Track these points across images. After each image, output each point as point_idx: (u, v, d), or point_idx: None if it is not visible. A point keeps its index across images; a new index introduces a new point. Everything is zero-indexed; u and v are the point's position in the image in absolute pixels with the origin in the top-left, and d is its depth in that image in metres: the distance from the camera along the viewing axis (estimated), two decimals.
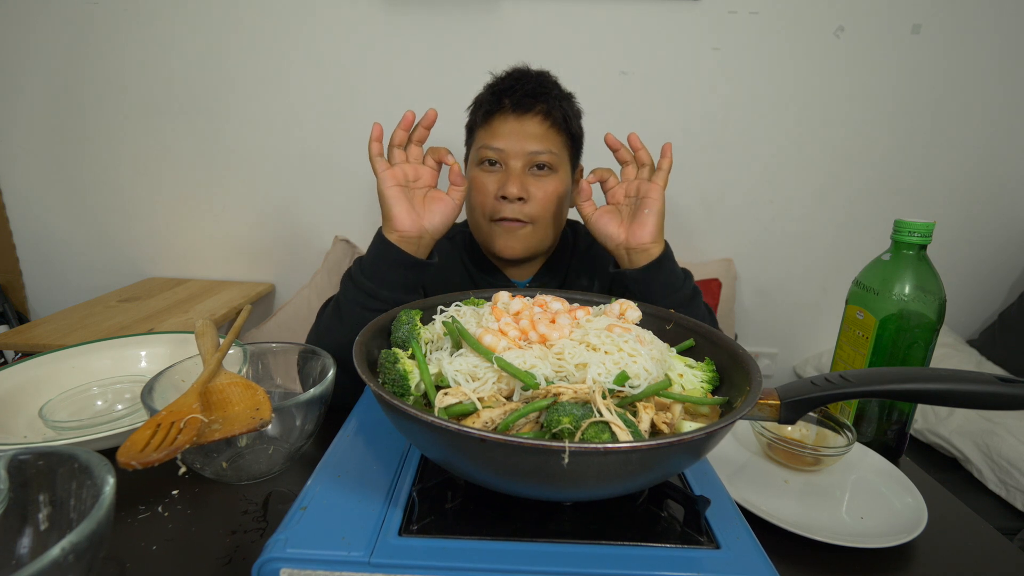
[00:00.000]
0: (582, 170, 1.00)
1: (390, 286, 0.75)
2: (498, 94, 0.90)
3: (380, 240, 0.76)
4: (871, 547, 0.52)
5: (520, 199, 0.87)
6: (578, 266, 1.00)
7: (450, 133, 1.54)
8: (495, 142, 0.88)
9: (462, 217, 1.02)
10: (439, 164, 0.79)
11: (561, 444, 0.35)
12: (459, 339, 0.52)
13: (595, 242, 1.02)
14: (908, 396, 0.45)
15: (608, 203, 0.82)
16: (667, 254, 0.79)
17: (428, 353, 0.54)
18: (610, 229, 0.81)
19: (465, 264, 0.99)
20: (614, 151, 0.81)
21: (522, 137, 0.87)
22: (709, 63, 1.58)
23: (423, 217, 0.77)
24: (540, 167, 0.89)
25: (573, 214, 1.01)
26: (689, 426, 0.47)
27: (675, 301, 0.77)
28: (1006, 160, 1.67)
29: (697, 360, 0.56)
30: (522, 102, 0.88)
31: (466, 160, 0.99)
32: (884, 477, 0.64)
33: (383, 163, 0.76)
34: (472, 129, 0.95)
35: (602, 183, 0.82)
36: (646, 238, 0.78)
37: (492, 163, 0.89)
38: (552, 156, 0.89)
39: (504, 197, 0.87)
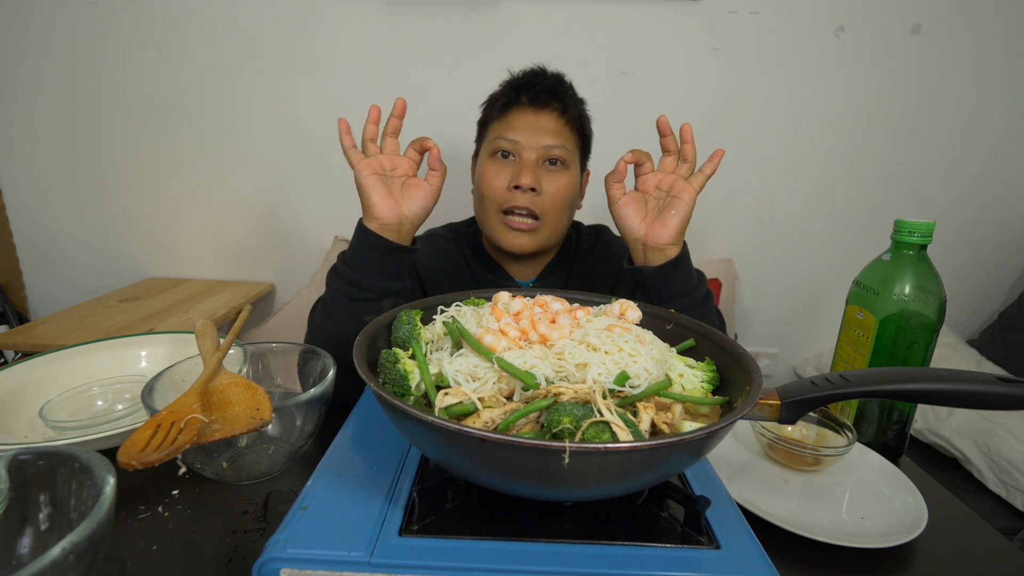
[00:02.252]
0: (588, 174, 1.00)
1: (373, 274, 0.75)
2: (516, 89, 0.91)
3: (360, 229, 0.76)
4: (871, 547, 0.52)
5: (532, 190, 0.88)
6: (581, 267, 1.00)
7: (450, 131, 1.54)
8: (510, 134, 0.89)
9: (468, 213, 1.02)
10: (421, 153, 0.79)
11: (561, 444, 0.35)
12: (459, 339, 0.52)
13: (598, 243, 1.02)
14: (908, 396, 0.45)
15: (637, 188, 0.80)
16: (684, 254, 0.78)
17: (428, 353, 0.54)
18: (632, 220, 0.78)
19: (469, 263, 0.99)
20: (662, 136, 0.78)
21: (537, 131, 0.88)
22: (709, 63, 1.58)
23: (401, 204, 0.77)
24: (553, 162, 0.90)
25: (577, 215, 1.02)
26: (689, 426, 0.47)
27: (689, 302, 0.77)
28: (1006, 160, 1.67)
29: (697, 360, 0.56)
30: (539, 97, 0.89)
31: (475, 156, 0.99)
32: (884, 477, 0.64)
33: (357, 154, 0.76)
34: (486, 123, 0.96)
35: (637, 165, 0.79)
36: (665, 238, 0.76)
37: (505, 155, 0.90)
38: (565, 152, 0.89)
39: (517, 187, 0.87)
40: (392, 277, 0.76)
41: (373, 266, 0.75)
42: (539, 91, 0.89)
